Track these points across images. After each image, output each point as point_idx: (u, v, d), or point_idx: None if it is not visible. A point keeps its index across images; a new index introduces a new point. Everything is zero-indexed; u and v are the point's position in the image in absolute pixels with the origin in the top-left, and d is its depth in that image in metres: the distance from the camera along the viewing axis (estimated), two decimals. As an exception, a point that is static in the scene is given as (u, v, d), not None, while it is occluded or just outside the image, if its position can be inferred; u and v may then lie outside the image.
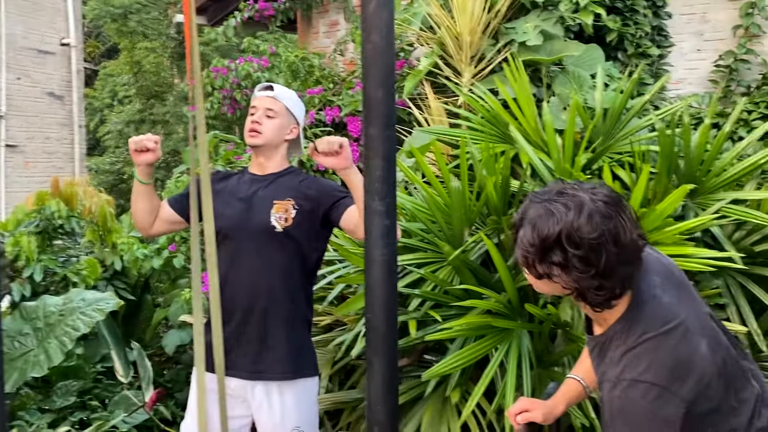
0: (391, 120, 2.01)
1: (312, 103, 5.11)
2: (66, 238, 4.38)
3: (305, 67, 5.50)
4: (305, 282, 2.42)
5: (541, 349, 2.62)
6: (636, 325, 1.42)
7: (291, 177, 2.41)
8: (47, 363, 2.89)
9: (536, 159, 2.97)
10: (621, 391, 1.36)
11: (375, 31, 1.95)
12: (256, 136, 2.37)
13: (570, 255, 1.35)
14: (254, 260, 2.33)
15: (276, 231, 2.30)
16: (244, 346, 2.33)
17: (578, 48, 3.63)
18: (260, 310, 2.33)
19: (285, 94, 2.45)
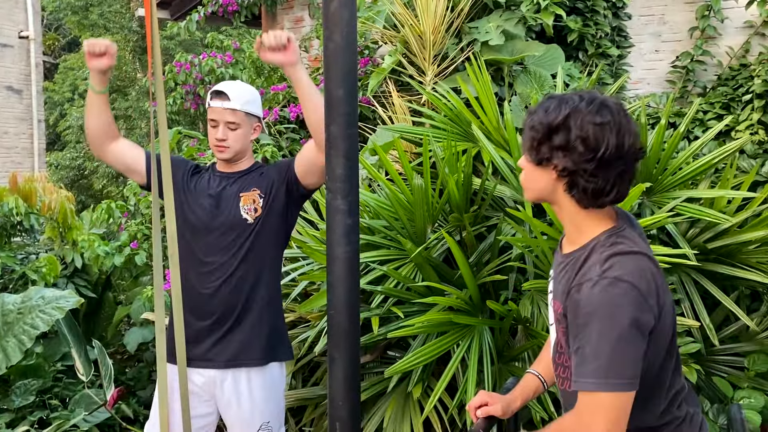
0: (353, 119, 2.03)
1: (276, 99, 5.10)
2: (24, 235, 4.31)
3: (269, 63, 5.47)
4: (277, 265, 2.47)
5: (501, 344, 2.66)
6: (624, 239, 1.46)
7: (256, 172, 2.43)
8: (5, 362, 2.84)
9: (498, 157, 3.02)
10: (602, 288, 1.38)
11: (336, 30, 1.97)
12: (224, 151, 2.36)
13: (574, 137, 1.41)
14: (228, 253, 2.34)
15: (248, 223, 2.34)
16: (217, 336, 2.35)
17: (539, 48, 3.69)
18: (237, 301, 2.34)
19: (241, 99, 2.36)
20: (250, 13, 7.11)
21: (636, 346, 1.38)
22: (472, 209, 2.92)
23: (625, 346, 1.36)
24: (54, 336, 3.95)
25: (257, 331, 2.37)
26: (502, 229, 2.85)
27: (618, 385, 1.37)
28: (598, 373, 1.37)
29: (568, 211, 1.51)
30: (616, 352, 1.36)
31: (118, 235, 4.39)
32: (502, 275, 2.72)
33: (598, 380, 1.37)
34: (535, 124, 1.48)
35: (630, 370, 1.37)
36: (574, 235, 1.53)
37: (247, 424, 2.34)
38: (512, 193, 2.98)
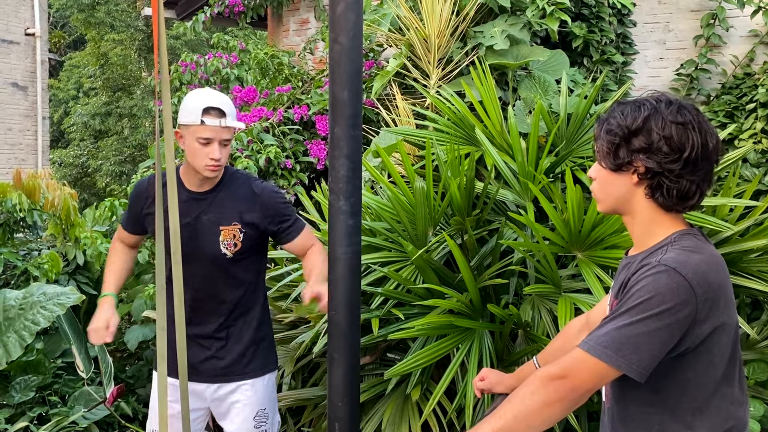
0: (357, 120, 2.04)
1: (281, 101, 5.11)
2: (27, 232, 4.31)
3: (274, 64, 5.49)
4: (260, 286, 2.49)
5: (501, 348, 2.66)
6: (697, 240, 1.43)
7: (229, 191, 2.35)
8: (6, 357, 2.85)
9: (501, 161, 3.02)
10: (654, 273, 1.36)
11: (342, 32, 1.98)
12: (217, 169, 2.28)
13: (657, 137, 1.40)
14: (209, 284, 2.37)
15: (227, 257, 2.34)
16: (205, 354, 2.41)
17: (544, 53, 3.69)
18: (221, 324, 2.41)
19: (233, 113, 2.31)
20: (256, 15, 7.13)
21: (659, 337, 1.34)
22: (474, 213, 2.93)
23: (646, 330, 1.33)
24: (54, 332, 3.95)
25: (247, 350, 2.43)
26: (504, 233, 2.86)
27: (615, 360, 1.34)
28: (604, 341, 1.36)
29: (645, 217, 1.47)
30: (634, 331, 1.34)
31: (121, 233, 4.40)
32: (503, 279, 2.72)
33: (599, 347, 1.36)
34: (612, 128, 1.45)
35: (637, 355, 1.34)
36: (646, 239, 1.49)
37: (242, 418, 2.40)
38: (514, 198, 2.99)
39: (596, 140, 1.51)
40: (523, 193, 2.95)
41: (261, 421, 2.43)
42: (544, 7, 3.75)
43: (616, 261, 2.64)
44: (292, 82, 5.35)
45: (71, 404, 3.50)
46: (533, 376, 1.42)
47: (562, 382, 1.38)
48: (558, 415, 1.39)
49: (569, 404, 1.39)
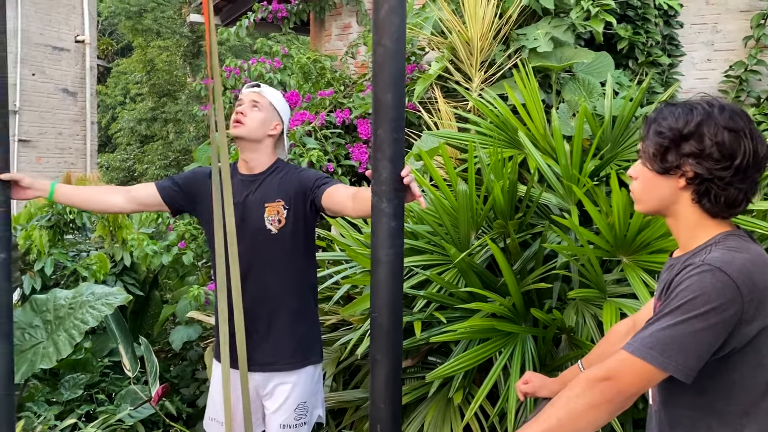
0: (400, 123, 2.04)
1: (323, 105, 5.15)
2: (77, 233, 4.42)
3: (317, 69, 5.54)
4: (307, 270, 2.52)
5: (544, 353, 2.64)
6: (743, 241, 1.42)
7: (276, 175, 2.47)
8: (56, 355, 2.93)
9: (544, 164, 2.99)
10: (698, 272, 1.34)
11: (386, 35, 1.98)
12: (238, 126, 2.43)
13: (709, 143, 1.38)
14: (254, 262, 2.41)
15: (272, 233, 2.40)
16: (250, 343, 2.38)
17: (588, 55, 3.65)
18: (265, 306, 2.43)
19: (271, 91, 2.51)
20: (298, 20, 7.20)
21: (705, 337, 1.32)
22: (516, 216, 2.90)
23: (691, 331, 1.31)
24: (102, 332, 4.05)
25: (289, 338, 2.45)
26: (547, 237, 2.83)
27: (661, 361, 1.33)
28: (649, 342, 1.34)
29: (690, 221, 1.45)
30: (679, 332, 1.32)
31: (167, 235, 4.49)
32: (546, 283, 2.69)
33: (643, 348, 1.34)
34: (663, 130, 1.43)
35: (682, 355, 1.32)
36: (690, 241, 1.47)
37: (283, 410, 2.44)
38: (558, 201, 2.96)
39: (643, 140, 1.49)
40: (567, 196, 2.92)
41: (301, 414, 2.47)
42: (589, 9, 3.71)
43: (662, 265, 2.59)
44: (334, 86, 5.38)
45: (117, 402, 3.58)
46: (578, 379, 1.40)
47: (608, 384, 1.36)
48: (604, 419, 1.37)
49: (615, 407, 1.37)
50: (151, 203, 2.52)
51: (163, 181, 2.56)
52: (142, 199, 2.51)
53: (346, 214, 2.38)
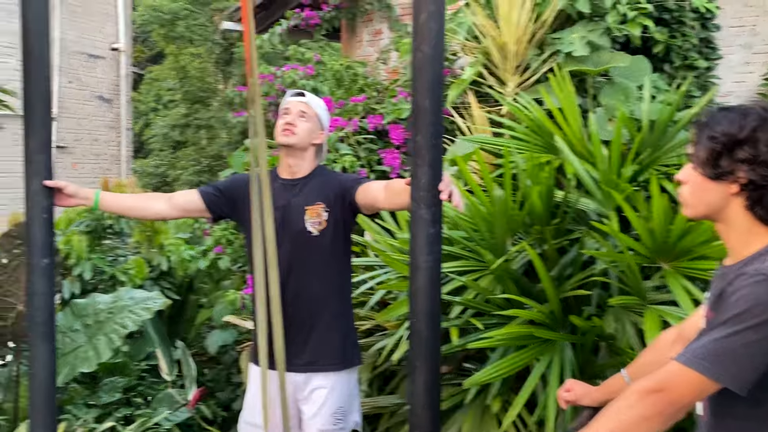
0: (439, 129, 2.04)
1: (355, 110, 5.16)
2: (115, 238, 4.49)
3: (349, 75, 5.56)
4: (345, 274, 2.59)
5: (583, 361, 2.61)
6: None
7: (317, 179, 2.54)
8: (96, 359, 2.97)
9: (582, 169, 2.96)
10: (751, 283, 1.32)
11: (425, 41, 1.99)
12: (289, 134, 2.49)
13: (763, 150, 1.36)
14: (295, 264, 2.46)
15: (313, 235, 2.45)
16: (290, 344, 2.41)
17: (625, 59, 3.61)
18: (306, 308, 2.47)
19: (316, 101, 2.59)
20: (330, 27, 7.25)
21: (759, 348, 1.30)
22: (553, 222, 2.88)
23: (745, 342, 1.29)
24: (139, 336, 4.10)
25: (330, 338, 2.50)
26: (585, 243, 2.80)
27: (714, 372, 1.30)
28: (702, 353, 1.32)
29: (741, 228, 1.43)
30: (732, 343, 1.30)
31: (203, 240, 4.53)
32: (584, 290, 2.66)
33: (696, 359, 1.32)
34: (716, 134, 1.41)
35: (736, 366, 1.30)
36: (742, 249, 1.45)
37: (321, 416, 2.46)
38: (596, 207, 2.92)
39: (694, 145, 1.47)
40: (606, 201, 2.89)
41: (339, 419, 2.49)
42: (626, 13, 3.66)
43: (704, 272, 2.54)
44: (366, 92, 5.40)
45: (154, 406, 3.62)
46: (629, 390, 1.39)
47: (659, 396, 1.34)
48: (654, 431, 1.35)
49: (667, 419, 1.35)
50: (194, 209, 2.57)
51: (205, 188, 2.61)
52: (184, 205, 2.56)
53: (379, 206, 2.44)
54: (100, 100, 11.24)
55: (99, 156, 11.21)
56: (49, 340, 2.36)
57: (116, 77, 11.49)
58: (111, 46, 11.44)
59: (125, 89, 11.62)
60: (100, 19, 11.25)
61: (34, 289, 2.33)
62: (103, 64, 11.32)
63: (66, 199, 2.36)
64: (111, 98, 11.42)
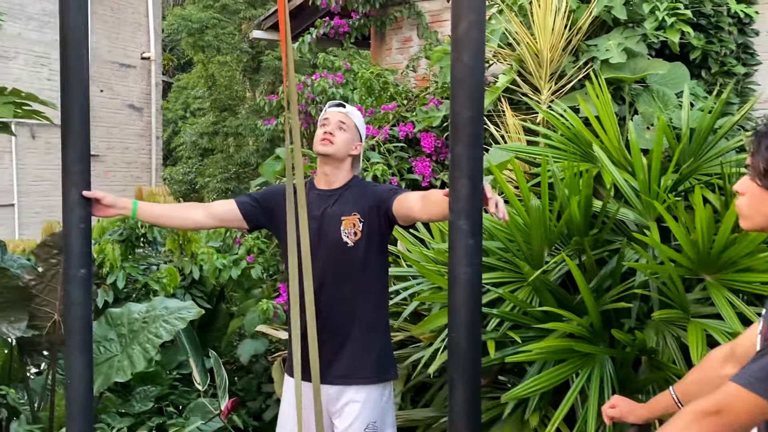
0: (479, 139, 2.00)
1: (386, 118, 5.14)
2: (147, 247, 4.52)
3: (380, 83, 5.55)
4: (381, 284, 2.56)
5: (623, 375, 2.55)
6: None
7: (353, 190, 2.53)
8: (131, 369, 2.98)
9: (621, 179, 2.91)
10: None
11: (465, 51, 1.95)
12: (327, 144, 2.49)
13: None
14: (330, 275, 2.45)
15: (348, 246, 2.44)
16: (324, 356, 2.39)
17: (663, 66, 3.54)
18: (342, 319, 2.46)
19: (355, 112, 2.59)
20: (360, 34, 7.25)
21: None
22: (591, 233, 2.82)
23: None
24: (170, 345, 4.11)
25: (365, 351, 2.48)
26: (625, 255, 2.74)
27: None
28: (761, 375, 1.28)
29: None
30: None
31: (233, 248, 4.54)
32: (626, 303, 2.60)
33: (755, 381, 1.28)
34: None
35: None
36: None
37: (352, 430, 2.43)
38: (636, 217, 2.86)
39: (752, 155, 1.42)
40: (646, 212, 2.83)
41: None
42: (664, 19, 3.60)
43: (749, 285, 2.48)
44: (396, 100, 5.38)
45: (186, 415, 3.62)
46: (684, 412, 1.34)
47: (716, 418, 1.29)
48: None
49: None
50: (231, 218, 2.57)
51: (242, 198, 2.61)
52: (221, 215, 2.56)
53: (414, 217, 2.42)
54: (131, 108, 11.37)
55: (130, 164, 11.33)
56: (86, 350, 2.36)
57: (147, 86, 11.63)
58: (142, 55, 11.58)
59: (155, 98, 11.75)
60: (131, 28, 11.40)
61: (71, 299, 2.33)
62: (134, 73, 11.46)
63: (104, 210, 2.36)
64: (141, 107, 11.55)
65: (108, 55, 10.79)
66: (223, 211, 2.55)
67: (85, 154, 2.38)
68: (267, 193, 2.63)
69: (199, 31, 15.96)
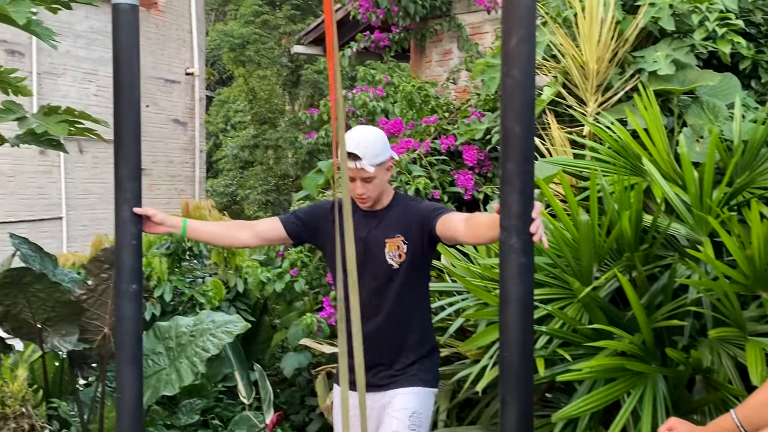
0: (529, 155, 1.98)
1: (427, 131, 5.13)
2: (193, 260, 4.57)
3: (421, 96, 5.54)
4: (426, 300, 2.61)
5: (677, 396, 2.48)
6: None
7: (395, 210, 2.53)
8: (178, 382, 3.01)
9: (671, 193, 2.85)
10: None
11: (515, 66, 1.94)
12: (366, 202, 2.49)
13: None
14: (376, 294, 2.50)
15: (393, 267, 2.47)
16: (374, 370, 2.50)
17: (714, 77, 3.47)
18: (388, 335, 2.50)
19: (371, 156, 2.40)
20: (399, 48, 7.26)
21: None
22: (642, 248, 2.77)
23: None
24: (216, 357, 4.14)
25: (412, 363, 2.52)
26: (677, 270, 2.68)
27: None
28: None
29: None
30: None
31: (276, 261, 4.57)
32: (679, 320, 2.54)
33: None
34: None
35: None
36: None
37: (399, 411, 2.47)
38: (687, 232, 2.80)
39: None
40: (698, 226, 2.76)
41: (415, 424, 2.47)
42: (715, 29, 3.53)
43: (810, 303, 2.40)
44: (438, 113, 5.36)
45: (232, 428, 3.64)
46: None
47: None
48: None
49: None
50: (276, 237, 2.62)
51: (286, 216, 2.65)
52: (267, 235, 2.60)
53: (459, 240, 2.41)
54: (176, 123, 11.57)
55: (174, 177, 11.52)
56: (137, 364, 2.39)
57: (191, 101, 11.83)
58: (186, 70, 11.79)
59: (199, 112, 11.94)
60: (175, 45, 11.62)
61: (122, 314, 2.37)
62: (178, 89, 11.67)
63: (154, 227, 2.40)
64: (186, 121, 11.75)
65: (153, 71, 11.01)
66: (269, 230, 2.59)
67: (136, 171, 2.42)
68: (311, 212, 2.64)
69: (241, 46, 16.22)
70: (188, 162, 11.73)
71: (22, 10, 2.36)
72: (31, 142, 2.83)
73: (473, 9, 6.93)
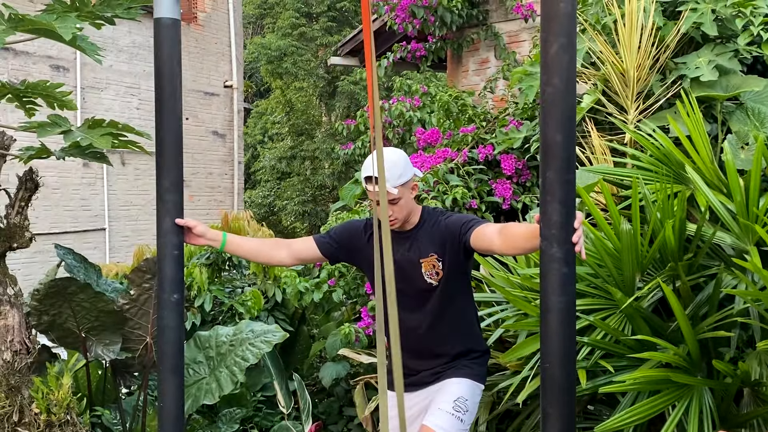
0: (571, 164, 1.96)
1: (465, 141, 5.12)
2: (232, 270, 4.62)
3: (458, 105, 5.53)
4: (470, 307, 2.64)
5: (724, 408, 2.42)
6: None
7: (425, 228, 2.53)
8: (218, 391, 3.03)
9: (716, 201, 2.79)
10: None
11: (556, 74, 1.92)
12: (395, 223, 2.49)
13: None
14: (420, 312, 2.54)
15: (434, 286, 2.50)
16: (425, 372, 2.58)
17: (759, 83, 3.39)
18: (437, 349, 2.56)
19: (393, 179, 2.41)
20: (436, 57, 7.27)
21: None
22: (686, 257, 2.71)
23: None
24: (254, 367, 4.17)
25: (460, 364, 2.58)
26: (723, 280, 2.61)
27: None
28: None
29: None
30: None
31: (314, 272, 4.59)
32: (726, 331, 2.47)
33: None
34: None
35: None
36: None
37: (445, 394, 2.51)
38: (733, 241, 2.73)
39: None
40: (744, 235, 2.69)
41: (459, 407, 2.48)
42: (759, 34, 3.45)
43: None
44: (475, 122, 5.35)
45: (271, 437, 3.66)
46: None
47: None
48: None
49: None
50: (311, 257, 2.66)
51: (321, 237, 2.67)
52: (302, 255, 2.63)
53: (495, 252, 2.39)
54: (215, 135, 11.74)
55: (213, 189, 11.68)
56: (178, 373, 2.41)
57: (229, 113, 12.00)
58: (224, 83, 11.97)
59: (238, 124, 12.10)
60: (214, 58, 11.81)
61: (164, 324, 2.39)
62: (217, 101, 11.84)
63: (194, 238, 2.43)
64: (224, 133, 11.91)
65: (193, 84, 11.20)
66: (304, 250, 2.62)
67: (178, 183, 2.46)
68: (344, 232, 2.65)
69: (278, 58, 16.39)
70: (227, 173, 11.89)
71: (68, 26, 2.41)
72: (76, 155, 2.90)
73: (510, 18, 6.90)
